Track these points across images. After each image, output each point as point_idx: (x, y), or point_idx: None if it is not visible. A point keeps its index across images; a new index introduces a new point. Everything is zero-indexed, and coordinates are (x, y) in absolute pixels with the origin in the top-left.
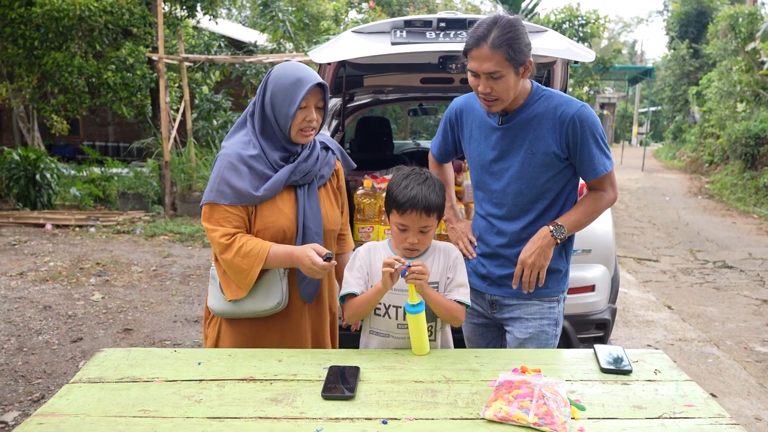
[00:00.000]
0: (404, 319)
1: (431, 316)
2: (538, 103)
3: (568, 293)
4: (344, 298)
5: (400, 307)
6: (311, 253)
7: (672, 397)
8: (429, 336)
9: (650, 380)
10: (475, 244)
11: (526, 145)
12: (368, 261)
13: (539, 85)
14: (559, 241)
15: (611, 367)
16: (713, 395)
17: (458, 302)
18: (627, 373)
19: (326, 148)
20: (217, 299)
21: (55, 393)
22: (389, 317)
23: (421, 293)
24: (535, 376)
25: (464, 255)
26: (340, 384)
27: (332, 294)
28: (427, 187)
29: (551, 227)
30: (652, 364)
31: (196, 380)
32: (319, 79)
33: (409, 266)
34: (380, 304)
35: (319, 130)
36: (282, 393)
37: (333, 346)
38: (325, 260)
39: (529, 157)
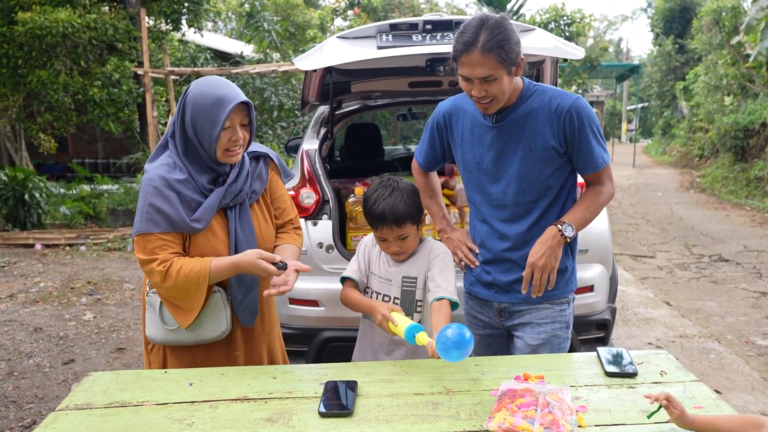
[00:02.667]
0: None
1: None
2: (532, 98)
3: None
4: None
5: (389, 296)
6: (265, 265)
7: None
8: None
9: (657, 382)
10: (476, 251)
11: (523, 141)
12: (368, 253)
13: (531, 81)
14: (568, 239)
15: (616, 370)
16: (718, 392)
17: (443, 299)
18: (632, 375)
19: (256, 158)
20: (156, 328)
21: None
22: None
23: None
24: (539, 383)
25: (466, 265)
26: (338, 400)
27: (273, 311)
28: (393, 199)
29: (559, 226)
30: (657, 365)
31: (187, 402)
32: (242, 97)
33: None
34: (369, 289)
35: (247, 147)
36: (277, 412)
37: (284, 360)
38: (280, 269)
39: (527, 153)
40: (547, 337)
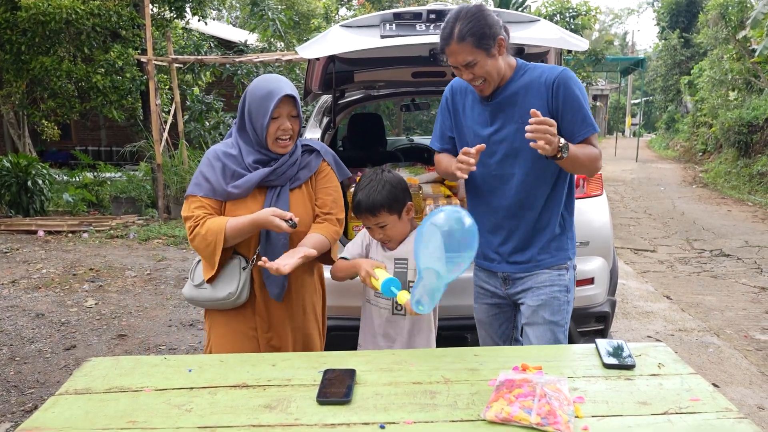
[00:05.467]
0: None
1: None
2: (524, 76)
3: None
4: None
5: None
6: (277, 222)
7: (677, 391)
8: (400, 311)
9: (654, 374)
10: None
11: (516, 115)
12: (367, 240)
13: (522, 61)
14: (559, 154)
15: (614, 362)
16: (715, 385)
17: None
18: (630, 367)
19: (310, 150)
20: (187, 285)
21: None
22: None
23: None
24: (537, 374)
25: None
26: (336, 388)
27: (310, 292)
28: (369, 189)
29: (562, 142)
30: (655, 357)
31: (186, 388)
32: (288, 91)
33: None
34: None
35: (296, 138)
36: (276, 399)
37: (321, 348)
38: (291, 227)
39: (520, 127)
40: (546, 298)
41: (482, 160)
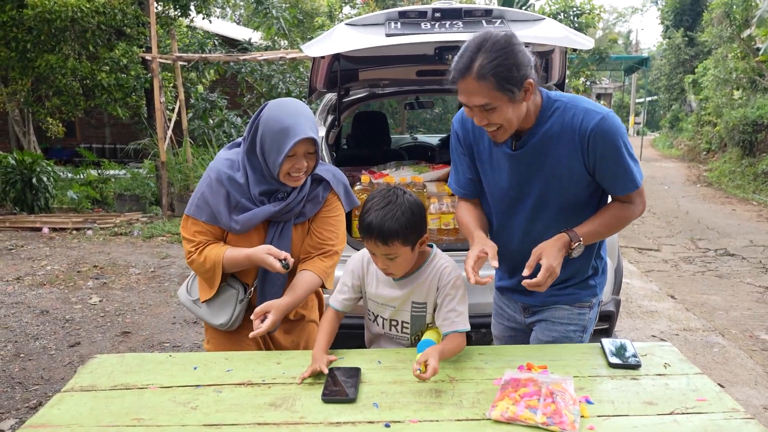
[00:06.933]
0: (390, 329)
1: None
2: (554, 118)
3: None
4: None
5: (396, 320)
6: (270, 260)
7: (683, 391)
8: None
9: (660, 374)
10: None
11: (546, 166)
12: (361, 270)
13: (549, 94)
14: (571, 257)
15: (619, 361)
16: (721, 385)
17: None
18: (636, 367)
19: (319, 180)
20: (183, 292)
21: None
22: (377, 324)
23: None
24: (542, 373)
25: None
26: (341, 386)
27: (307, 307)
28: (385, 212)
29: (573, 243)
30: (661, 357)
31: (192, 386)
32: (308, 133)
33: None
34: (369, 311)
35: (311, 172)
36: (281, 397)
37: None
38: (284, 267)
39: (551, 181)
40: (558, 336)
41: (506, 211)
